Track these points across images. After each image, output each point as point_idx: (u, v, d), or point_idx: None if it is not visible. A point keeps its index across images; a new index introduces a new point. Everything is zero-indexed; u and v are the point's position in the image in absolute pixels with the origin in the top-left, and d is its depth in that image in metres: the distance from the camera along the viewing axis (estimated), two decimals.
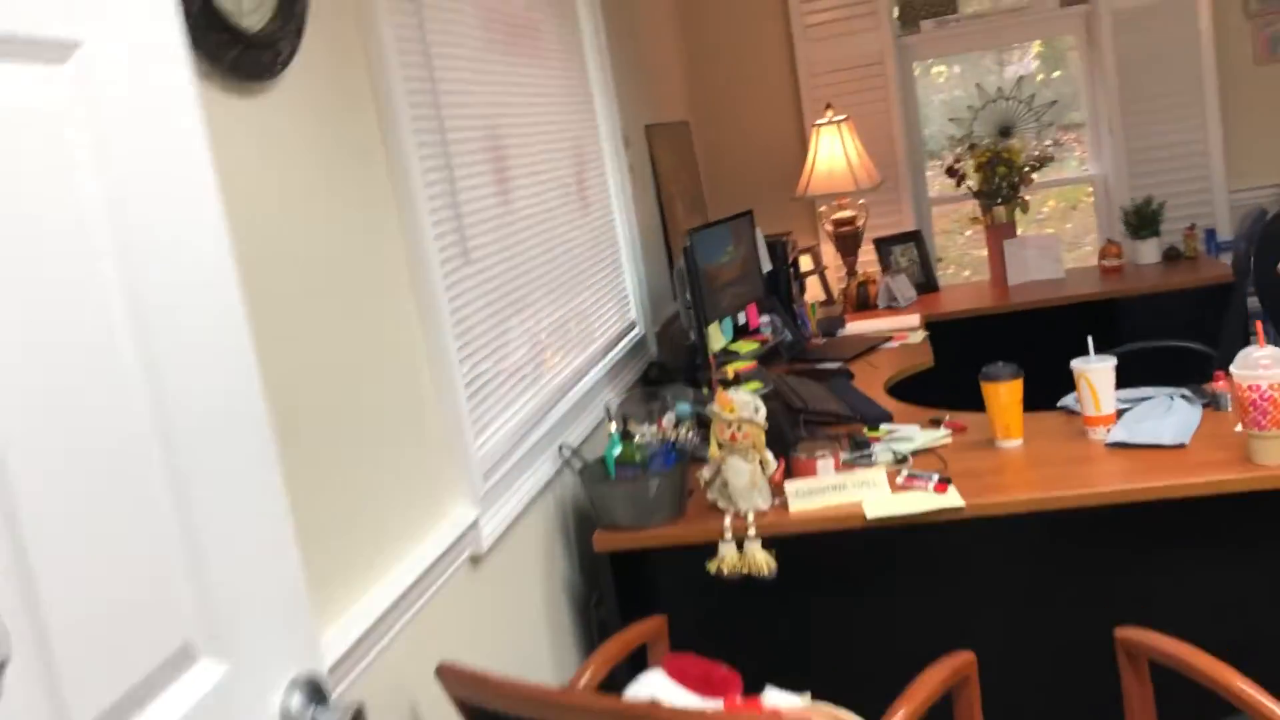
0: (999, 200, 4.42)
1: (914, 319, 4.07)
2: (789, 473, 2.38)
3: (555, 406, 2.55)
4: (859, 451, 2.51)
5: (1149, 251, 4.40)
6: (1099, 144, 4.95)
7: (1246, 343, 3.33)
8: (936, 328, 4.06)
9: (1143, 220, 4.36)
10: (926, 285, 4.58)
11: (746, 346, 3.50)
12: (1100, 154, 4.95)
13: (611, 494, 2.33)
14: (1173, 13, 4.68)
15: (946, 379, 3.62)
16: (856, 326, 4.09)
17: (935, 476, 2.29)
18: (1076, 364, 2.42)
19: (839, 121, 4.55)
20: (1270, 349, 2.09)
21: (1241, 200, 4.77)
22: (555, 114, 2.87)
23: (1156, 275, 4.28)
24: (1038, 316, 4.20)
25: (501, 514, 2.13)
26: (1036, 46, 5.36)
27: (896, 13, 4.99)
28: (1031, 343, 4.47)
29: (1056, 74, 5.31)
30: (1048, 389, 2.77)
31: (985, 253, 4.74)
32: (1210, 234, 4.75)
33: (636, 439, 2.45)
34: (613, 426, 2.43)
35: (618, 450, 2.37)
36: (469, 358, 2.13)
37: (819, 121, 4.59)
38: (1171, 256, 4.38)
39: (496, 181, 2.40)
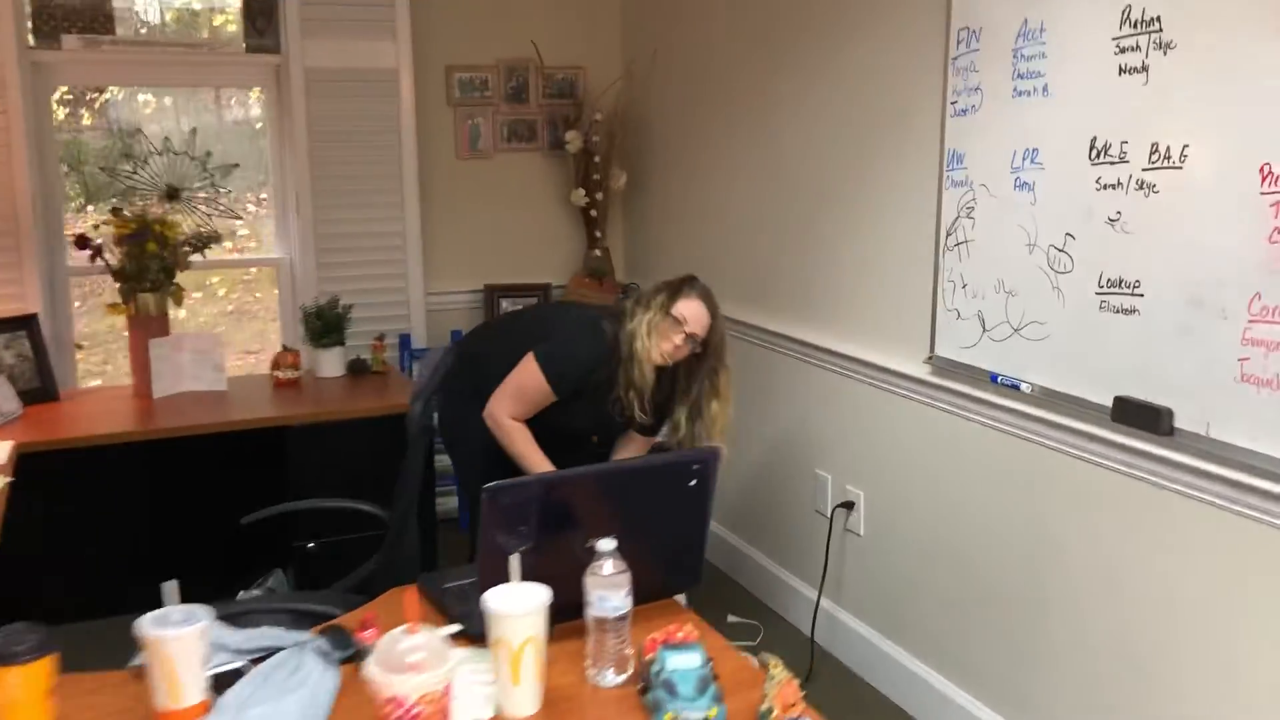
0: (147, 286, 3.38)
1: (3, 449, 2.84)
2: None
3: None
4: None
5: (332, 362, 3.68)
6: (286, 223, 4.17)
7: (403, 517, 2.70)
8: (45, 461, 2.90)
9: (327, 325, 3.63)
10: (42, 392, 3.35)
11: None
12: (287, 235, 4.17)
13: None
14: (374, 84, 4.09)
15: (27, 553, 2.50)
16: None
17: None
18: (147, 627, 1.48)
19: None
20: (424, 635, 1.35)
21: (438, 304, 4.33)
22: None
23: (339, 394, 3.56)
24: (192, 445, 3.23)
25: None
26: (257, 91, 4.43)
27: (29, 22, 3.72)
28: (179, 482, 3.52)
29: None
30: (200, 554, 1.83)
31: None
32: (405, 340, 4.22)
33: None
34: None
35: None
36: None
37: None
38: (357, 370, 3.71)
39: None
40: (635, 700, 1.59)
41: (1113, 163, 2.23)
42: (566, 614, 1.61)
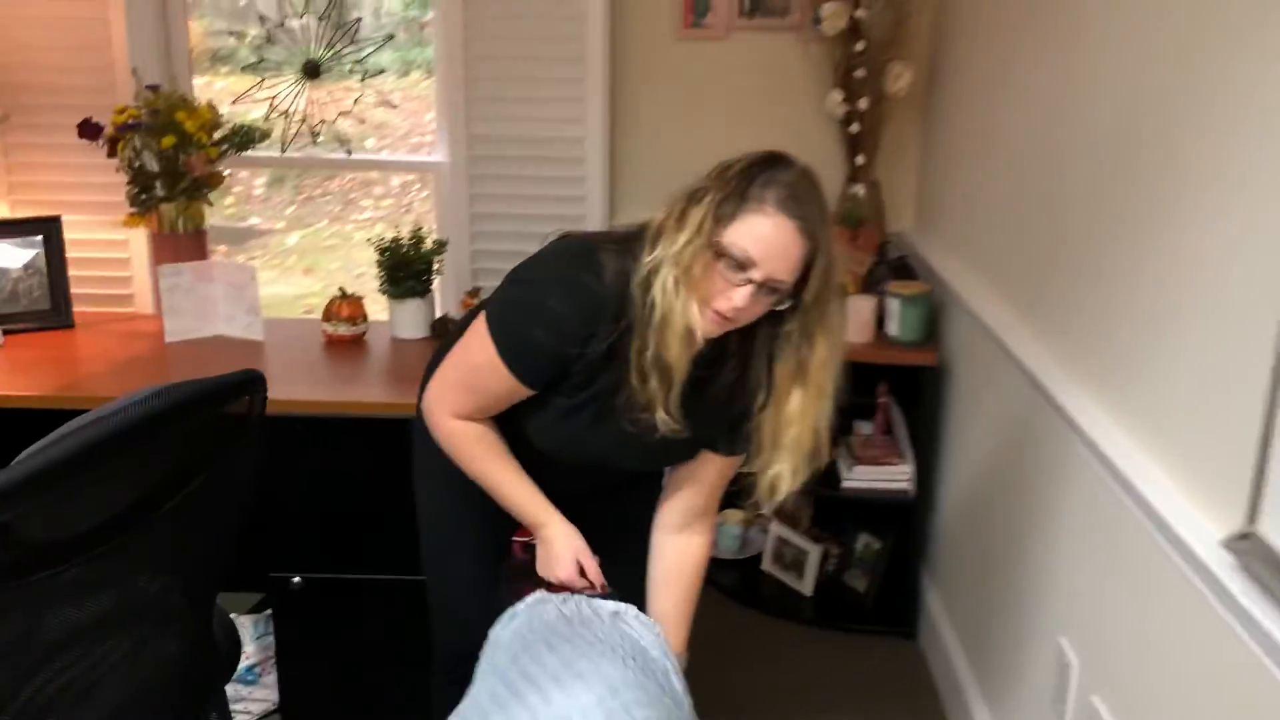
0: (174, 193, 2.56)
1: None
2: None
3: None
4: None
5: (411, 319, 2.66)
6: (444, 120, 3.17)
7: None
8: None
9: (399, 267, 2.61)
10: (51, 314, 2.69)
11: None
12: (445, 137, 3.18)
13: None
14: None
15: None
16: None
17: None
18: None
19: None
20: None
21: None
22: None
23: (393, 367, 2.57)
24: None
25: None
26: None
27: None
28: None
29: None
30: None
31: None
32: None
33: None
34: None
35: None
36: None
37: None
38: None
39: None
40: None
41: None
42: None
